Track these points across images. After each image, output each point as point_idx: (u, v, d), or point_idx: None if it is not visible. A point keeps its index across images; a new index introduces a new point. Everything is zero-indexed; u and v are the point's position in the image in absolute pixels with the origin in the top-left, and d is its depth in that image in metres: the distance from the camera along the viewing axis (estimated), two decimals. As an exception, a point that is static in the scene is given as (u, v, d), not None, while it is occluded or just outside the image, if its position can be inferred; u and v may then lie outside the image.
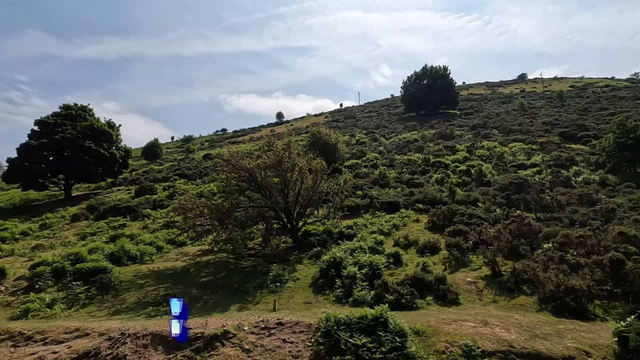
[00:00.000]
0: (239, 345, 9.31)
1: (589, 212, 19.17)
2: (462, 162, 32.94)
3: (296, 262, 17.16)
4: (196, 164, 46.90)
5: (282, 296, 14.09)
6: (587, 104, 58.95)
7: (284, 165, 18.94)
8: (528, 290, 12.74)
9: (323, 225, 20.83)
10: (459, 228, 18.14)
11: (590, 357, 8.79)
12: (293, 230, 19.51)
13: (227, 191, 19.85)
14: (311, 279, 15.34)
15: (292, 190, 19.57)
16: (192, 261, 18.42)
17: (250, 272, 16.37)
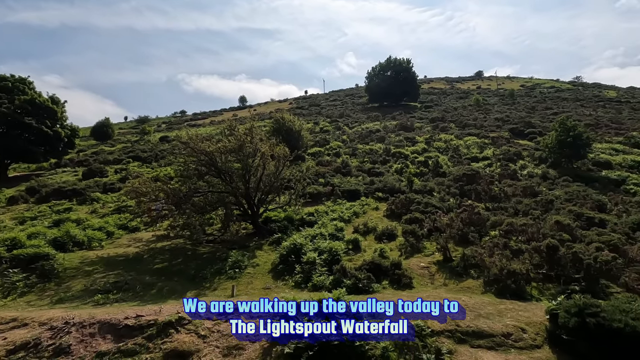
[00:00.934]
0: (195, 331, 9.13)
1: (531, 203, 20.79)
2: (421, 153, 34.19)
3: (256, 249, 17.03)
4: (152, 147, 44.55)
5: (241, 282, 13.96)
6: (535, 103, 63.32)
7: (245, 150, 18.53)
8: (475, 274, 13.66)
9: (284, 211, 20.78)
10: (415, 216, 18.91)
11: (525, 333, 9.65)
12: (254, 216, 19.28)
13: (185, 175, 19.10)
14: (271, 265, 15.32)
15: (253, 176, 19.25)
16: (145, 247, 17.63)
17: (209, 258, 16.01)
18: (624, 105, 61.51)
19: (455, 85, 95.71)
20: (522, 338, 9.52)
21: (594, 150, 32.51)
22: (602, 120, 47.55)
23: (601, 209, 20.45)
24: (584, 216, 18.35)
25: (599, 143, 35.66)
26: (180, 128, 59.79)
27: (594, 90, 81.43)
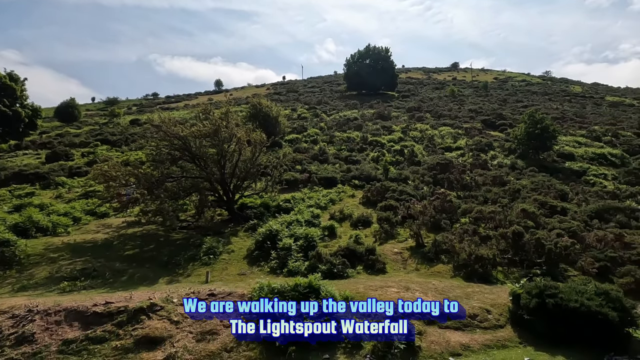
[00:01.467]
0: (167, 317, 8.99)
1: (500, 192, 21.67)
2: (397, 142, 34.69)
3: (231, 235, 16.87)
4: (122, 130, 42.70)
5: (216, 268, 13.84)
6: (506, 95, 65.37)
7: (221, 134, 18.10)
8: (445, 259, 14.18)
9: (261, 198, 20.62)
10: (390, 203, 19.28)
11: (490, 314, 10.17)
12: (229, 202, 19.01)
13: (158, 160, 18.49)
14: (246, 251, 15.25)
15: (229, 162, 18.91)
16: (115, 233, 17.06)
17: (182, 244, 15.72)
18: (588, 100, 64.65)
19: (432, 76, 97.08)
20: (487, 319, 10.04)
21: (559, 143, 34.09)
22: (568, 114, 49.84)
23: (563, 198, 21.62)
24: (548, 205, 19.35)
25: (564, 136, 37.39)
26: (152, 111, 57.50)
27: (562, 85, 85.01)
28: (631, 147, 35.74)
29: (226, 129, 18.53)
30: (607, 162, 31.80)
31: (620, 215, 18.53)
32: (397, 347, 8.29)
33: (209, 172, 17.80)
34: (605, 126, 43.13)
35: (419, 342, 8.69)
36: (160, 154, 18.41)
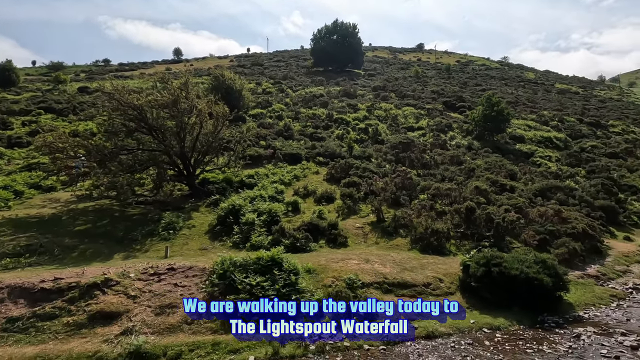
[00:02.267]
0: (124, 292, 8.73)
1: (457, 170, 22.77)
2: (362, 120, 34.95)
3: (192, 210, 16.44)
4: (69, 98, 39.20)
5: (176, 243, 13.50)
6: (467, 78, 67.60)
7: (180, 105, 17.21)
8: (404, 233, 14.83)
9: (223, 173, 20.12)
10: (353, 180, 19.62)
11: (442, 283, 10.90)
12: (189, 177, 18.38)
13: (111, 131, 17.28)
14: (208, 227, 14.97)
15: (189, 135, 18.13)
16: (64, 208, 15.98)
17: (139, 220, 15.08)
18: (539, 87, 68.61)
19: (397, 56, 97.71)
20: (439, 287, 10.76)
21: (511, 126, 36.12)
22: (521, 99, 52.70)
23: (512, 177, 23.17)
24: (499, 183, 20.67)
25: (516, 119, 39.62)
26: (103, 78, 53.22)
27: (517, 71, 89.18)
28: (574, 131, 38.75)
29: (186, 100, 17.63)
30: (552, 145, 34.33)
31: (560, 193, 20.27)
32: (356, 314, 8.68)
33: (167, 145, 16.98)
34: (553, 111, 46.23)
35: (376, 309, 9.16)
36: (113, 125, 17.22)
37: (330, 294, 9.38)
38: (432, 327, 8.62)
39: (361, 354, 7.58)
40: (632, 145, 36.80)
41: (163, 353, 7.35)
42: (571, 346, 7.89)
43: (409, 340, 8.10)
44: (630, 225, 19.56)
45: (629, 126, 46.00)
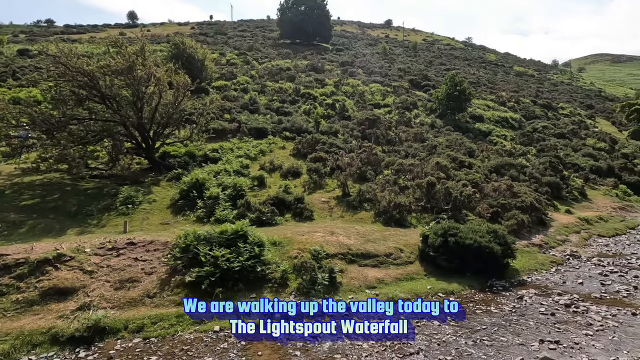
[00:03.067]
0: (79, 267, 8.34)
1: (420, 147, 23.48)
2: (329, 96, 34.71)
3: (152, 184, 15.78)
4: (6, 61, 35.34)
5: (135, 218, 12.99)
6: (432, 57, 68.67)
7: (136, 73, 16.09)
8: (368, 207, 15.24)
9: (185, 147, 19.36)
10: (319, 155, 19.66)
11: (402, 253, 11.43)
12: (149, 150, 17.49)
13: (58, 99, 15.87)
14: (170, 201, 14.50)
15: (147, 105, 17.11)
16: (7, 182, 14.72)
17: (94, 194, 14.26)
18: (499, 69, 71.30)
19: (366, 31, 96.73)
20: (400, 257, 11.28)
21: (472, 105, 37.50)
22: (482, 80, 54.60)
23: (471, 154, 24.31)
24: (458, 160, 21.63)
25: (477, 99, 41.14)
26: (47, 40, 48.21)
27: (480, 52, 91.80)
28: (528, 112, 41.02)
29: (143, 68, 16.48)
30: (508, 125, 36.21)
31: (512, 170, 21.62)
32: (320, 283, 8.95)
33: (123, 116, 15.94)
34: (510, 93, 48.44)
35: (340, 278, 9.49)
36: (60, 92, 15.81)
37: (295, 265, 9.56)
38: (392, 294, 9.09)
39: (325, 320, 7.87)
40: (577, 126, 39.72)
41: (124, 326, 7.20)
42: (515, 306, 8.67)
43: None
44: (572, 199, 21.37)
45: (576, 109, 49.42)
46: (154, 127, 17.57)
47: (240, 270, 8.72)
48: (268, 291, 8.77)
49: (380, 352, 6.54)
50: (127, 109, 16.24)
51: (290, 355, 6.47)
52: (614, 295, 9.42)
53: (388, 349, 6.66)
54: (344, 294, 9.01)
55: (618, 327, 7.52)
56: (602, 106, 55.29)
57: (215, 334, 7.22)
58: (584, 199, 21.96)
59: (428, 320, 7.87)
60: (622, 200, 23.53)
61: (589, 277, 10.84)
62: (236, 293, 8.50)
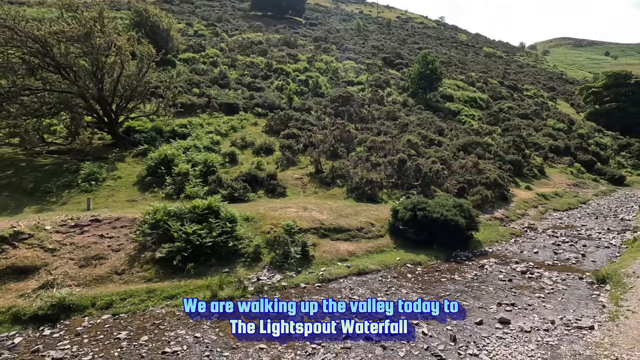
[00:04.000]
0: (39, 245, 7.95)
1: (392, 125, 23.76)
2: (302, 72, 34.04)
3: (117, 160, 15.07)
4: (-57, 24, 31.61)
5: (99, 195, 12.43)
6: (406, 36, 68.58)
7: (95, 41, 14.96)
8: (341, 184, 15.41)
9: (152, 122, 18.47)
10: (292, 132, 19.47)
11: (373, 227, 11.75)
12: (111, 125, 16.55)
13: (6, 67, 14.48)
14: (136, 178, 13.95)
15: (108, 76, 16.07)
16: (-48, 157, 13.56)
17: (52, 170, 13.44)
18: (470, 49, 72.50)
19: (340, 6, 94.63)
20: (371, 231, 11.59)
21: (443, 85, 38.14)
22: (453, 60, 55.42)
23: (440, 133, 24.94)
24: (428, 138, 22.15)
25: (447, 79, 41.85)
26: (-10, 4, 43.45)
27: (452, 32, 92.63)
28: (495, 93, 42.32)
29: (102, 35, 15.34)
30: (476, 105, 37.26)
31: (479, 148, 22.45)
32: (293, 257, 9.07)
33: (81, 87, 14.87)
34: (479, 73, 49.60)
35: (312, 252, 9.66)
36: (9, 60, 14.45)
37: (268, 240, 9.60)
38: (362, 265, 9.40)
39: (297, 292, 8.05)
40: (540, 107, 41.55)
41: (91, 303, 7.02)
42: (476, 274, 9.24)
43: (342, 278, 8.79)
44: (532, 176, 22.62)
45: (540, 91, 51.54)
46: (117, 100, 16.60)
47: (213, 245, 8.66)
48: (241, 265, 8.79)
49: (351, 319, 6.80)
50: (86, 80, 15.17)
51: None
52: (565, 263, 10.24)
53: (359, 315, 6.94)
54: (316, 267, 9.21)
55: (566, 290, 8.22)
56: (563, 88, 58.03)
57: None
58: (543, 176, 23.32)
59: (397, 288, 8.25)
60: (576, 177, 25.20)
61: (544, 247, 11.68)
62: (209, 268, 8.47)
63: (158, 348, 5.89)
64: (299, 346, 5.94)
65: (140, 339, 6.11)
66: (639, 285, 7.74)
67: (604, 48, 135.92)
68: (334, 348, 5.88)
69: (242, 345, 5.96)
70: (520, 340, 6.11)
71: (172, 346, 5.93)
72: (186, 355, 5.73)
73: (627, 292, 7.60)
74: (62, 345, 5.94)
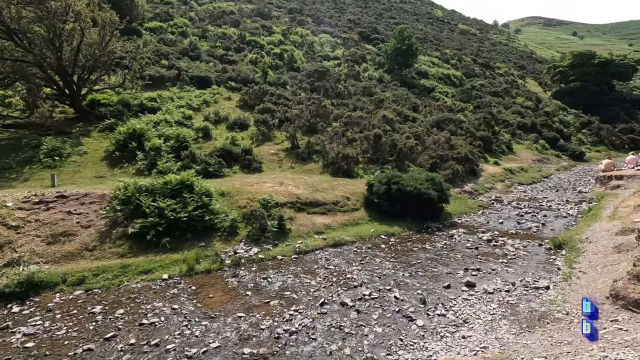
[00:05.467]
0: (1, 222, 7.57)
1: (367, 101, 23.78)
2: (277, 45, 33.05)
3: (82, 135, 14.34)
4: None
5: (64, 172, 11.87)
6: (383, 10, 67.58)
7: (50, 4, 13.78)
8: (317, 159, 15.45)
9: (118, 95, 17.56)
10: (267, 107, 19.12)
11: (349, 201, 11.96)
12: (74, 97, 15.59)
13: (-52, 31, 13.21)
14: (104, 153, 13.38)
15: (67, 44, 14.98)
16: None
17: (10, 145, 12.64)
18: (445, 26, 72.60)
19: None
20: (346, 204, 11.80)
21: (418, 61, 38.28)
22: (429, 37, 55.41)
23: (415, 109, 25.25)
24: (403, 114, 22.39)
25: (423, 55, 41.98)
26: None
27: (428, 7, 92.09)
28: (468, 70, 42.98)
29: (58, -2, 14.14)
30: (450, 82, 37.82)
31: (452, 124, 22.99)
32: (270, 230, 9.14)
33: (37, 55, 13.79)
34: (454, 50, 50.01)
35: (289, 225, 9.76)
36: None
37: (245, 214, 9.59)
38: (338, 237, 9.63)
39: (275, 264, 8.19)
40: (510, 85, 42.71)
41: (62, 280, 6.85)
42: (446, 243, 9.71)
43: (318, 249, 9.00)
44: (500, 152, 23.54)
45: (510, 69, 52.79)
46: (78, 70, 15.58)
47: (188, 220, 8.56)
48: (217, 240, 8.78)
49: (327, 287, 7.04)
50: (42, 48, 14.07)
51: (242, 295, 6.71)
52: (527, 231, 10.91)
53: (334, 284, 7.18)
54: (293, 239, 9.34)
55: (527, 256, 8.82)
56: (533, 67, 59.70)
57: (164, 281, 7.18)
58: (510, 152, 24.32)
59: (371, 258, 8.55)
60: (540, 153, 26.47)
61: (508, 218, 12.36)
62: (184, 243, 8.40)
63: (135, 320, 5.89)
64: (277, 313, 6.12)
65: (115, 313, 6.07)
66: (590, 250, 8.41)
67: (572, 28, 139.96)
68: (311, 314, 6.09)
69: (221, 315, 6.05)
70: (483, 300, 6.57)
71: (149, 318, 5.94)
72: (164, 326, 5.77)
73: (580, 255, 8.26)
74: (33, 321, 5.81)
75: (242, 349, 5.21)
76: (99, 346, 5.26)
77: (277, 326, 5.76)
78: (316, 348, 5.27)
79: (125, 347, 5.23)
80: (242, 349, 5.20)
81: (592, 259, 7.88)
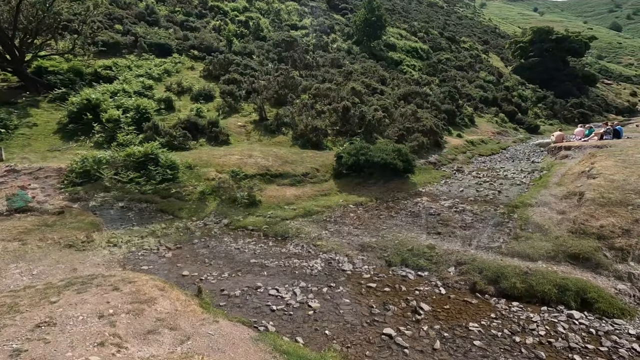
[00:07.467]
0: (-56, 198, 7.02)
1: (336, 73, 23.57)
2: (242, 12, 31.52)
3: (30, 106, 13.25)
4: None
5: (13, 145, 11.02)
6: (351, -21, 65.77)
7: (-20, -45, 12.22)
8: (286, 131, 15.32)
9: (68, 62, 16.20)
10: (234, 77, 18.47)
11: (318, 172, 12.11)
12: (16, 63, 14.22)
13: None
14: (57, 125, 12.51)
15: (4, 3, 13.47)
16: None
17: (-54, 116, 11.48)
18: (414, -3, 72.01)
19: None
20: (316, 176, 11.95)
21: (387, 34, 38.05)
22: (397, 8, 54.93)
23: (383, 82, 25.38)
24: (371, 86, 22.46)
25: (391, 27, 41.71)
26: None
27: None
28: (435, 44, 43.39)
29: (-11, -51, 12.53)
30: (417, 55, 38.08)
31: (418, 98, 23.40)
32: (240, 202, 9.14)
33: (-30, 15, 12.36)
34: (421, 23, 50.07)
35: (259, 197, 9.79)
36: None
37: (214, 186, 9.48)
38: (308, 208, 9.81)
39: (245, 234, 8.25)
40: (474, 60, 43.74)
41: (20, 257, 6.54)
42: (411, 210, 10.19)
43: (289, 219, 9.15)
44: (463, 125, 24.44)
45: (475, 43, 53.84)
46: (20, 34, 14.15)
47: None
48: (186, 212, 8.68)
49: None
50: (-27, 6, 12.59)
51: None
52: (484, 198, 11.64)
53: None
54: (264, 210, 9.41)
55: (484, 220, 9.49)
56: (496, 42, 61.24)
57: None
58: (472, 125, 25.31)
59: (340, 226, 8.84)
60: (500, 126, 27.76)
61: (468, 186, 13.08)
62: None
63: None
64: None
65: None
66: (538, 212, 9.19)
67: (533, 4, 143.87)
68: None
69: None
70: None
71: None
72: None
73: (530, 218, 9.01)
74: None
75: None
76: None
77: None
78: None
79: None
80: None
81: (540, 220, 8.63)
